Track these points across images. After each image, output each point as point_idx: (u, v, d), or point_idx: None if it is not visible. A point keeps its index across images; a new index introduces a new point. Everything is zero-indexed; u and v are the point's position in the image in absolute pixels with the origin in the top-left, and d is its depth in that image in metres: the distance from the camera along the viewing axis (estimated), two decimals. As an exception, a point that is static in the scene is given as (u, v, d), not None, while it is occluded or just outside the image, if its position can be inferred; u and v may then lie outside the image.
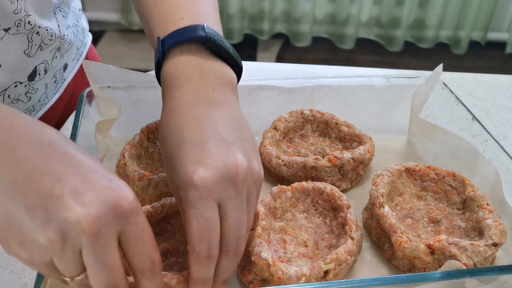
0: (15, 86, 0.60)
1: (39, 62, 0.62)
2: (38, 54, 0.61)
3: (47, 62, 0.64)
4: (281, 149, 0.64)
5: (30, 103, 0.64)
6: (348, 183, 0.61)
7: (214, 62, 0.46)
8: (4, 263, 0.52)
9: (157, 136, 0.62)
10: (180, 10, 0.48)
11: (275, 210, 0.53)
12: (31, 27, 0.58)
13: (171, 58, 0.46)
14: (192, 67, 0.45)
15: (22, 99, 0.62)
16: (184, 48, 0.46)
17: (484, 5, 2.46)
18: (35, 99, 0.65)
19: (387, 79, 0.70)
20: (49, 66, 0.65)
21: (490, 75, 0.91)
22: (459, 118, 0.63)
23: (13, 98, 0.61)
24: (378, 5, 2.54)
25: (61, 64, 0.68)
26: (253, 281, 0.47)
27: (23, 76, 0.61)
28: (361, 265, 0.51)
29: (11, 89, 0.60)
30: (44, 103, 0.68)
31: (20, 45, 0.58)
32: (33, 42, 0.59)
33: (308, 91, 0.69)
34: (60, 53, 0.66)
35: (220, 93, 0.44)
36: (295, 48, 2.64)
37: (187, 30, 0.46)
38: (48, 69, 0.65)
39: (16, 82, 0.60)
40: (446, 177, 0.56)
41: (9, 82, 0.59)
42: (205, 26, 0.46)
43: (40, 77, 0.64)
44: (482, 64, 2.57)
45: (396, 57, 2.60)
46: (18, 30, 0.56)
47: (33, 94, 0.64)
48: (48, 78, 0.66)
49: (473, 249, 0.46)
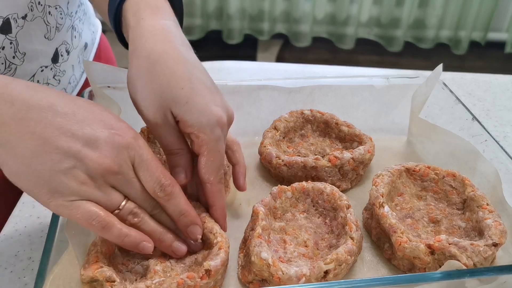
0: (42, 71, 0.62)
1: (59, 44, 0.64)
2: (57, 36, 0.63)
3: (67, 43, 0.66)
4: (281, 149, 0.64)
5: (60, 85, 0.66)
6: (348, 183, 0.61)
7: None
8: (4, 263, 0.52)
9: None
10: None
11: (275, 210, 0.53)
12: (42, 8, 0.59)
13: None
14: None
15: (51, 83, 0.64)
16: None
17: (484, 5, 2.46)
18: (64, 81, 0.67)
19: (387, 79, 0.70)
20: (70, 46, 0.67)
21: (490, 75, 0.91)
22: (459, 118, 0.63)
23: (43, 83, 0.63)
24: (378, 5, 2.54)
25: (82, 44, 0.70)
26: (253, 281, 0.47)
27: (47, 60, 0.63)
28: (361, 265, 0.51)
29: (38, 74, 0.62)
30: (74, 84, 0.70)
31: (40, 30, 0.60)
32: (50, 25, 0.61)
33: (308, 91, 0.69)
34: (77, 32, 0.68)
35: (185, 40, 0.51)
36: (295, 48, 2.64)
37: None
38: (69, 50, 0.67)
39: (42, 67, 0.62)
40: (446, 177, 0.56)
41: (35, 68, 0.61)
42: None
43: (64, 58, 0.66)
44: (482, 64, 2.58)
45: (396, 57, 2.60)
46: (34, 15, 0.58)
47: (61, 76, 0.66)
48: (72, 59, 0.68)
49: (473, 249, 0.46)
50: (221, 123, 0.46)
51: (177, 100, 0.45)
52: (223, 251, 0.45)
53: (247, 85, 0.67)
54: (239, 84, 0.67)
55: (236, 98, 0.67)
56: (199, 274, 0.43)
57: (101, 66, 0.61)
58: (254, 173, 0.63)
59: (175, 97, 0.45)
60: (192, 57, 0.49)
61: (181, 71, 0.46)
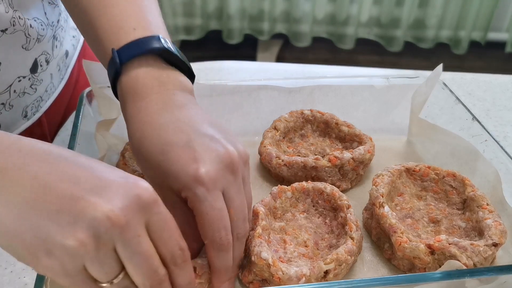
0: (19, 81, 0.60)
1: (39, 54, 0.62)
2: (36, 46, 0.61)
3: (47, 53, 0.64)
4: (281, 149, 0.64)
5: (37, 94, 0.65)
6: (348, 183, 0.61)
7: (171, 71, 0.47)
8: (4, 263, 0.52)
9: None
10: (131, 20, 0.49)
11: (275, 210, 0.53)
12: (24, 22, 0.57)
13: (129, 71, 0.46)
14: (151, 79, 0.46)
15: (28, 92, 0.63)
16: (142, 60, 0.46)
17: (484, 5, 2.46)
18: (41, 90, 0.65)
19: (387, 79, 0.70)
20: (51, 56, 0.65)
21: (490, 75, 0.91)
22: (459, 118, 0.63)
23: (19, 93, 0.61)
24: (378, 5, 2.54)
25: (62, 52, 0.69)
26: (253, 281, 0.47)
27: (25, 70, 0.61)
28: (361, 265, 0.51)
29: (15, 84, 0.60)
30: (51, 92, 0.69)
31: (18, 41, 0.58)
32: (30, 37, 0.59)
33: (308, 91, 0.69)
34: (58, 42, 0.66)
35: (182, 97, 0.46)
36: (295, 48, 2.64)
37: (143, 42, 0.47)
38: (49, 60, 0.65)
39: (20, 77, 0.60)
40: (446, 177, 0.56)
41: (12, 78, 0.59)
42: (159, 36, 0.47)
43: (43, 68, 0.64)
44: (482, 64, 2.57)
45: (396, 57, 2.60)
46: (15, 29, 0.56)
47: (38, 85, 0.64)
48: (51, 68, 0.66)
49: (473, 249, 0.46)
50: (200, 180, 0.39)
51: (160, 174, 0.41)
52: None
53: (247, 85, 0.67)
54: (239, 84, 0.67)
55: (236, 98, 0.67)
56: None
57: (101, 66, 0.60)
58: (254, 173, 0.63)
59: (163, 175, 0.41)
60: (173, 117, 0.43)
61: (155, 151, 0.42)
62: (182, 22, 2.62)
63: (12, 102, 0.60)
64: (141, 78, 0.46)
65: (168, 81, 0.46)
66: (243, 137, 0.67)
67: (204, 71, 0.88)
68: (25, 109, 0.63)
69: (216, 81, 0.67)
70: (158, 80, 0.46)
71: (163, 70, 0.47)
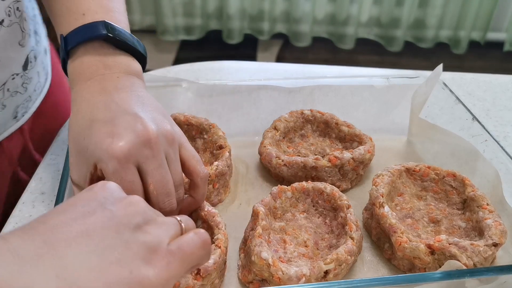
0: (13, 79, 0.60)
1: (29, 50, 0.62)
2: (28, 42, 0.61)
3: (34, 48, 0.64)
4: (281, 149, 0.64)
5: (27, 93, 0.64)
6: (348, 183, 0.61)
7: (118, 56, 0.48)
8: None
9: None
10: (82, 5, 0.50)
11: (275, 210, 0.53)
12: (20, 14, 0.57)
13: (75, 57, 0.48)
14: (96, 63, 0.47)
15: (19, 91, 0.62)
16: (88, 46, 0.48)
17: (484, 5, 2.46)
18: (30, 89, 0.65)
19: (387, 79, 0.70)
20: (37, 51, 0.65)
21: (490, 75, 0.91)
22: (459, 118, 0.63)
23: (12, 91, 0.60)
24: (378, 5, 2.54)
25: (42, 48, 0.68)
26: (253, 281, 0.47)
27: (18, 67, 0.61)
28: (361, 265, 0.51)
29: (9, 82, 0.60)
30: (39, 91, 0.68)
31: (15, 36, 0.58)
32: (25, 31, 0.59)
33: (308, 91, 0.69)
34: (39, 36, 0.66)
35: (125, 80, 0.47)
36: (295, 48, 2.64)
37: (88, 28, 0.48)
38: (36, 55, 0.65)
39: (13, 75, 0.60)
40: (446, 177, 0.56)
41: (7, 76, 0.59)
42: (106, 22, 0.48)
43: (32, 65, 0.64)
44: (481, 64, 2.57)
45: (396, 57, 2.60)
46: (11, 21, 0.56)
47: (28, 84, 0.64)
48: (38, 65, 0.66)
49: (473, 249, 0.46)
50: (111, 153, 0.41)
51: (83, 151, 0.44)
52: (219, 250, 0.45)
53: (247, 85, 0.67)
54: (239, 84, 0.67)
55: (236, 98, 0.67)
56: (191, 274, 0.43)
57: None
58: (254, 173, 0.63)
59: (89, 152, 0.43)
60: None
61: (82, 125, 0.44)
62: (182, 22, 2.62)
63: (5, 102, 0.59)
64: (85, 63, 0.47)
65: (114, 65, 0.48)
66: (243, 137, 0.67)
67: (204, 71, 0.88)
68: (16, 109, 0.63)
69: (216, 81, 0.67)
70: (104, 63, 0.47)
71: (109, 55, 0.48)
